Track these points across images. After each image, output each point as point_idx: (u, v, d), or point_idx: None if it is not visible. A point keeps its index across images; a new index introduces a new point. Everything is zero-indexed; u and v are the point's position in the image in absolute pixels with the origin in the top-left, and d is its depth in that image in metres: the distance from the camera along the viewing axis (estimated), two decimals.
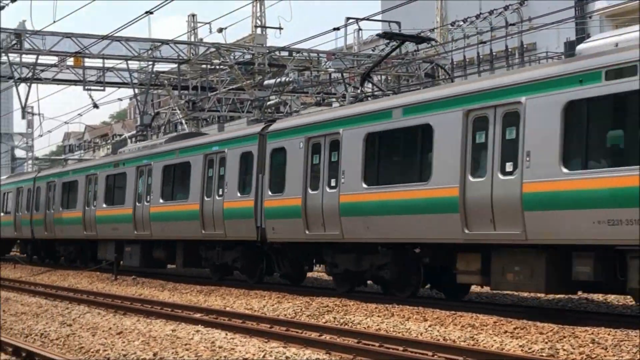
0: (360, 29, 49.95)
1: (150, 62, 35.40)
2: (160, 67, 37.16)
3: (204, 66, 37.17)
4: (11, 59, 32.82)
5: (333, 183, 18.18)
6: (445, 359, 10.99)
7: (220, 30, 39.27)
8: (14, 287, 26.40)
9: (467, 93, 15.24)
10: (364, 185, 17.33)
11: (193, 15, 61.50)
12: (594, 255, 13.07)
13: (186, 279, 24.93)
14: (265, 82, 35.93)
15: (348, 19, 38.95)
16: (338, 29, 29.35)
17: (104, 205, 29.38)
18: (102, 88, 35.86)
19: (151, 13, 24.03)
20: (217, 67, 37.13)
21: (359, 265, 18.07)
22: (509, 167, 14.17)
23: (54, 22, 30.53)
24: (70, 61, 33.74)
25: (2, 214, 41.29)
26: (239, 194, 21.47)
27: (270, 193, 20.16)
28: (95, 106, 36.55)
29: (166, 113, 49.96)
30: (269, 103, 35.29)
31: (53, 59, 33.74)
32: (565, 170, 13.24)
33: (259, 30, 49.16)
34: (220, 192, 22.27)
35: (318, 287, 22.35)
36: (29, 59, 33.41)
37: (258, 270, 22.28)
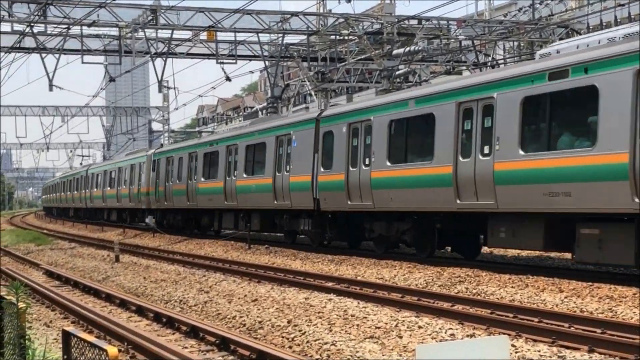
0: None
1: (280, 35, 35.74)
2: (290, 39, 37.48)
3: (332, 37, 37.25)
4: (147, 34, 33.79)
5: (367, 162, 21.49)
6: (582, 331, 10.72)
7: (348, 0, 39.14)
8: (154, 255, 27.43)
9: (459, 88, 18.33)
10: (388, 164, 20.56)
11: None
12: None
13: (317, 249, 25.27)
14: (394, 52, 35.60)
15: None
16: None
17: (202, 179, 32.56)
18: (234, 61, 36.52)
19: None
20: (346, 37, 37.11)
21: (389, 230, 21.35)
22: (486, 149, 17.26)
23: None
24: (203, 35, 34.46)
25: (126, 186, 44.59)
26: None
27: (322, 169, 23.71)
28: (228, 79, 37.26)
29: (296, 85, 50.45)
30: (397, 73, 35.01)
31: (187, 34, 34.60)
32: (522, 152, 16.33)
33: (387, 0, 48.76)
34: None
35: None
36: (164, 34, 34.35)
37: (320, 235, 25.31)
